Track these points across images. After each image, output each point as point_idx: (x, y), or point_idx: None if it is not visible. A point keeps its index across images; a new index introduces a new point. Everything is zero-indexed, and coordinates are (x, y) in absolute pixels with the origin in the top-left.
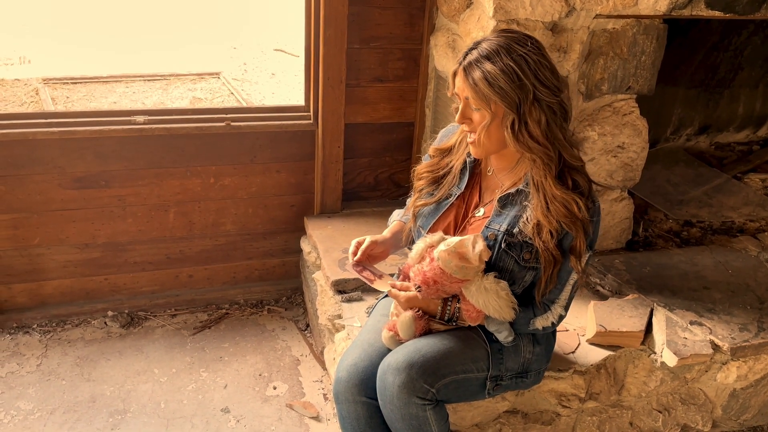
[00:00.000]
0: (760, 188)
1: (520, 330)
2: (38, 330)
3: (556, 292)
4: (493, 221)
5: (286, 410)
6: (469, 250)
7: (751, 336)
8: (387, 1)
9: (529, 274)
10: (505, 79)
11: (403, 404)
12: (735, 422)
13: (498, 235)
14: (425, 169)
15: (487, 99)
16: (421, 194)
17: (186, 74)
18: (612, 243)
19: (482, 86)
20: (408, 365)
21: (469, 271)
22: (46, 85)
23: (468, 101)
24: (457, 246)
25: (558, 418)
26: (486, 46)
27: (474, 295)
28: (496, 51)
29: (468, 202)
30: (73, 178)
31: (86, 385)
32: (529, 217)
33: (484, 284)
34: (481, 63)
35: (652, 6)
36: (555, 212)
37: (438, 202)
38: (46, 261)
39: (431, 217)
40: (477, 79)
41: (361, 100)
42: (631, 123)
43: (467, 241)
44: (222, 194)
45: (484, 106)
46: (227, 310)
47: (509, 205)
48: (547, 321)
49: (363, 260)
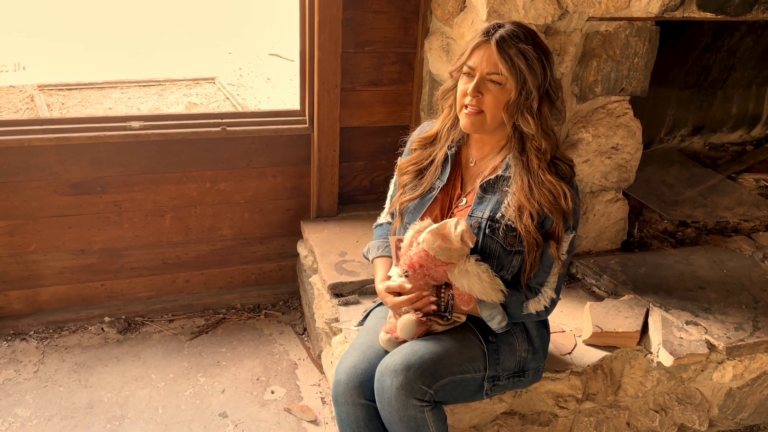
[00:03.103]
0: (754, 188)
1: (514, 314)
2: (35, 337)
3: (543, 275)
4: (475, 209)
5: (284, 414)
6: (451, 231)
7: (747, 335)
8: (381, 5)
9: (516, 259)
10: (537, 61)
11: (401, 406)
12: (731, 421)
13: (481, 222)
14: (408, 162)
15: (517, 75)
16: (405, 189)
17: (181, 79)
18: (607, 244)
19: (519, 61)
20: (405, 367)
21: (452, 254)
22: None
23: (484, 76)
24: (440, 228)
25: (555, 419)
26: (514, 28)
27: (457, 278)
28: (526, 35)
29: (451, 194)
30: (68, 185)
31: (84, 391)
32: (510, 202)
33: (466, 267)
34: (515, 41)
35: (644, 8)
36: (539, 196)
37: (422, 197)
38: (43, 267)
39: (417, 212)
40: (513, 55)
41: (356, 103)
42: (624, 124)
43: (450, 223)
44: (218, 199)
45: (513, 80)
46: (224, 315)
47: (490, 192)
48: (540, 304)
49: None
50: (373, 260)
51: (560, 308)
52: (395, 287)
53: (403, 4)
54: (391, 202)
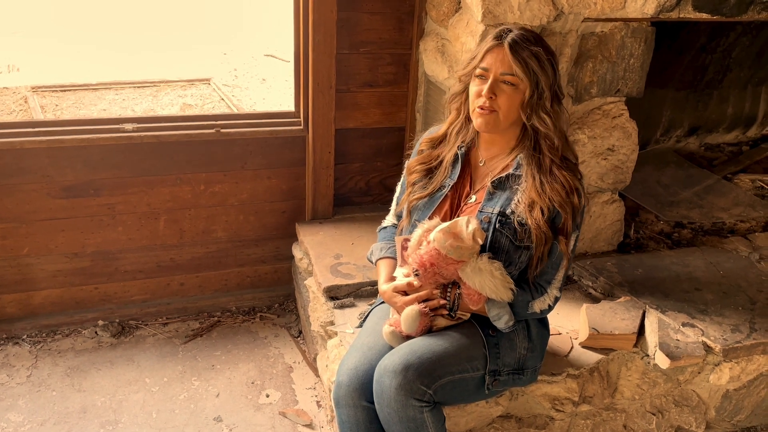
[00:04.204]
0: (750, 189)
1: (519, 314)
2: (28, 341)
3: (551, 272)
4: (485, 205)
5: (279, 418)
6: (462, 229)
7: (743, 337)
8: (376, 6)
9: (524, 254)
10: (548, 62)
11: (400, 407)
12: (728, 423)
13: (492, 217)
14: (417, 162)
15: (531, 76)
16: (414, 188)
17: (176, 80)
18: (604, 245)
19: (532, 63)
20: (404, 367)
21: (464, 252)
22: (35, 93)
23: (498, 78)
24: (452, 226)
25: (552, 422)
26: (523, 32)
27: (470, 276)
28: (535, 38)
29: (460, 192)
30: (62, 187)
31: (77, 395)
32: (521, 198)
33: (478, 265)
34: (527, 44)
35: (639, 9)
36: (551, 191)
37: (431, 195)
38: (36, 271)
39: (426, 210)
40: (527, 57)
41: (351, 105)
42: (620, 125)
43: (461, 221)
44: (213, 201)
45: (527, 81)
46: (219, 318)
47: (500, 189)
48: (545, 303)
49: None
50: (376, 262)
51: (557, 310)
52: (402, 286)
53: (398, 5)
54: (398, 202)
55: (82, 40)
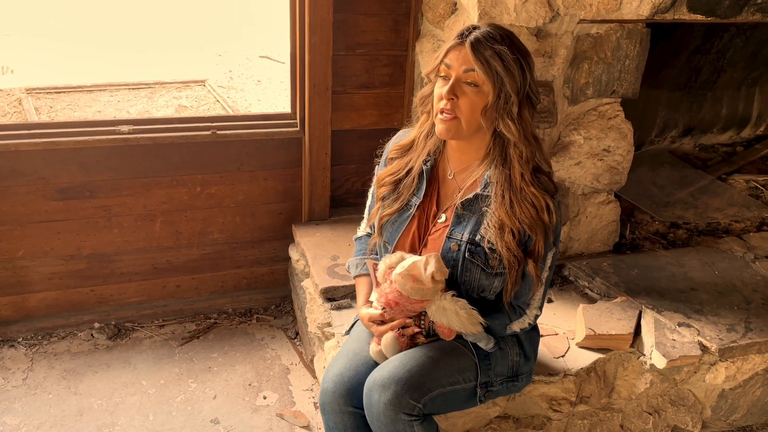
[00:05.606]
0: (745, 189)
1: (498, 335)
2: (24, 343)
3: (526, 294)
4: (454, 229)
5: (276, 420)
6: (421, 272)
7: (739, 336)
8: (372, 7)
9: (497, 280)
10: (515, 63)
11: (390, 421)
12: (724, 422)
13: (461, 244)
14: (387, 173)
15: (494, 77)
16: (384, 203)
17: (171, 82)
18: (599, 246)
19: (495, 63)
20: (393, 381)
21: (426, 292)
22: (30, 95)
23: (460, 78)
24: (410, 269)
25: (549, 422)
26: (490, 30)
27: (435, 315)
28: (502, 37)
29: (428, 212)
30: (57, 189)
31: (73, 398)
32: (490, 222)
33: (442, 304)
34: (491, 43)
35: (635, 10)
36: (520, 213)
37: (399, 212)
38: (31, 273)
39: (395, 231)
40: (489, 57)
41: (347, 106)
42: (616, 126)
43: (420, 263)
44: (209, 203)
45: (490, 83)
46: (215, 320)
47: (469, 211)
48: (524, 323)
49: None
50: (354, 278)
51: (553, 311)
52: (376, 316)
53: (394, 6)
54: (370, 212)
55: (76, 41)
